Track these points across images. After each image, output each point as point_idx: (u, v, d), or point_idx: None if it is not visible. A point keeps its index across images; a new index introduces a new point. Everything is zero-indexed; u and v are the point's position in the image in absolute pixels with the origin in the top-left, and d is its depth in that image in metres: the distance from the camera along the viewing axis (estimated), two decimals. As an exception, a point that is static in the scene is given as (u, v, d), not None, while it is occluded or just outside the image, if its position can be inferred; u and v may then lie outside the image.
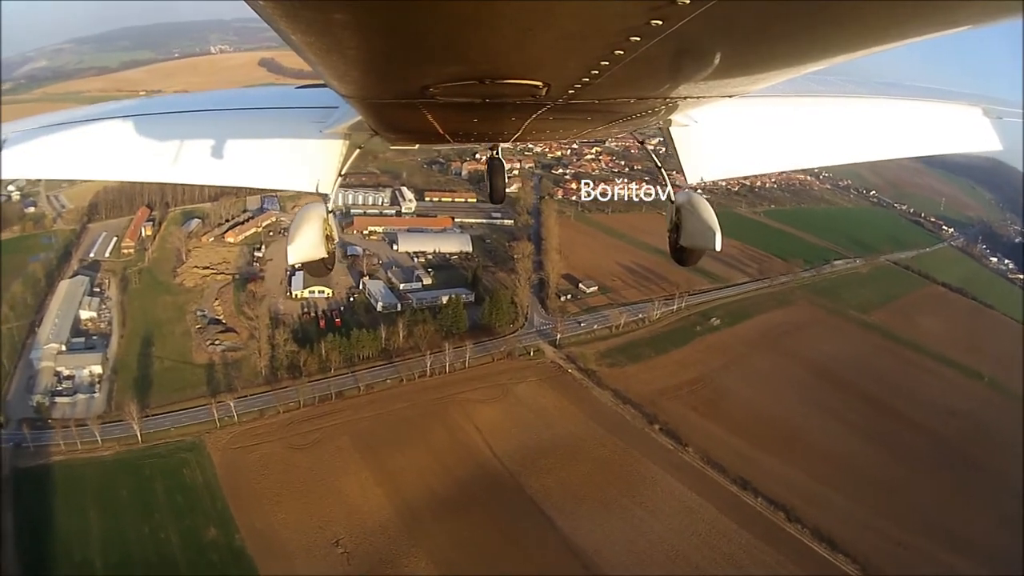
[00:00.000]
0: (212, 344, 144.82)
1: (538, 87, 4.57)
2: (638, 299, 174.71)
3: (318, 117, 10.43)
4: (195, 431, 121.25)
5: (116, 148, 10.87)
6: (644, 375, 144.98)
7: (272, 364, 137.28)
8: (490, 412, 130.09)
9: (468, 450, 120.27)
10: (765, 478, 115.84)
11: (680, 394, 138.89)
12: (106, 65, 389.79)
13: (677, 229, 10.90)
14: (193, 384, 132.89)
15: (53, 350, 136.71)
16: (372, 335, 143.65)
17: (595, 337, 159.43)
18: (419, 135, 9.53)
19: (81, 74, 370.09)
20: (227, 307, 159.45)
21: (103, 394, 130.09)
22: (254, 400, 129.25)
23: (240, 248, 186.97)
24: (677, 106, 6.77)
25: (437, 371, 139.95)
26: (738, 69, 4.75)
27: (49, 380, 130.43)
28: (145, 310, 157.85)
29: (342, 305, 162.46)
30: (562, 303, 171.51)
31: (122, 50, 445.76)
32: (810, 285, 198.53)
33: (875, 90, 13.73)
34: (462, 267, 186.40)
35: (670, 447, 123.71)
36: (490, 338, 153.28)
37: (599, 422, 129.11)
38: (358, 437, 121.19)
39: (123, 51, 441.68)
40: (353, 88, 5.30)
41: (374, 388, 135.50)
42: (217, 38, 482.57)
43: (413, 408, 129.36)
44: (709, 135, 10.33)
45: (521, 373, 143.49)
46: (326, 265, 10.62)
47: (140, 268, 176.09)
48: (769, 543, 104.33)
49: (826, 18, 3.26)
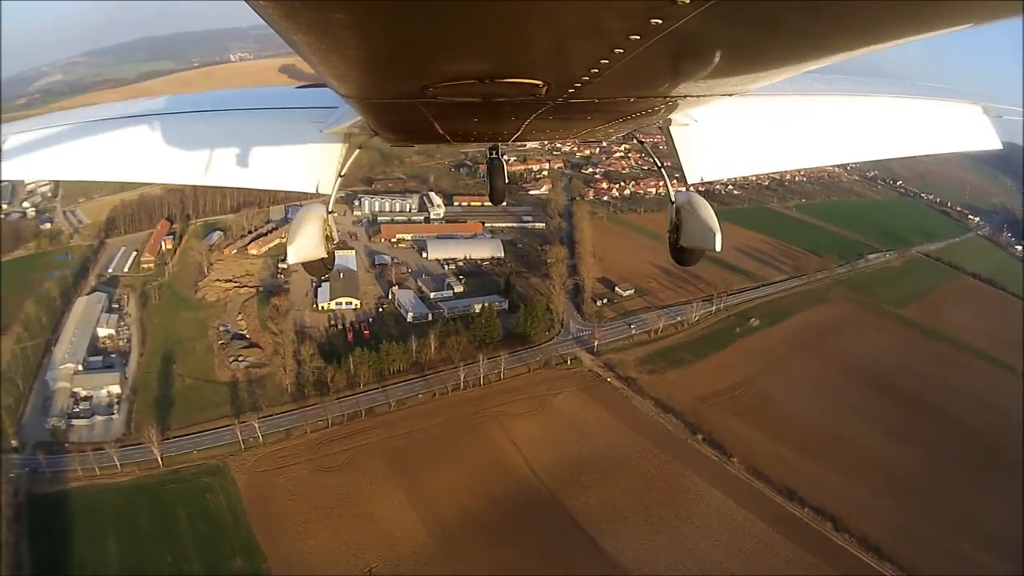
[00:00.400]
0: (235, 360, 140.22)
1: (538, 86, 4.60)
2: (675, 301, 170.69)
3: (318, 117, 10.44)
4: (219, 454, 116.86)
5: (116, 148, 10.87)
6: (685, 381, 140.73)
7: (298, 381, 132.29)
8: (527, 426, 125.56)
9: (505, 467, 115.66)
10: (811, 485, 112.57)
11: (722, 400, 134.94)
12: (123, 76, 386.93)
13: (677, 229, 10.71)
14: (216, 403, 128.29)
15: (69, 370, 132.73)
16: (402, 348, 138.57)
17: (634, 343, 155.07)
18: (419, 135, 9.21)
19: (98, 86, 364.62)
20: (251, 321, 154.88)
21: (122, 415, 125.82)
22: (280, 419, 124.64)
23: (264, 260, 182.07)
24: (677, 105, 6.69)
25: (471, 384, 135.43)
26: (738, 68, 4.74)
27: (65, 402, 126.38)
28: (165, 326, 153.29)
29: (371, 316, 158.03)
30: (598, 308, 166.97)
31: (139, 61, 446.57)
32: (845, 281, 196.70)
33: (875, 88, 13.49)
34: (494, 273, 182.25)
35: (714, 458, 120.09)
36: (525, 347, 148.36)
37: (641, 433, 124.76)
38: (390, 457, 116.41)
39: (140, 62, 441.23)
40: (353, 88, 5.28)
41: (406, 404, 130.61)
42: (237, 46, 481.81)
43: (447, 424, 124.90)
44: (709, 134, 10.32)
45: (559, 383, 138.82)
46: (326, 265, 10.54)
47: (160, 283, 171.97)
48: (816, 554, 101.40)
49: (825, 17, 3.30)
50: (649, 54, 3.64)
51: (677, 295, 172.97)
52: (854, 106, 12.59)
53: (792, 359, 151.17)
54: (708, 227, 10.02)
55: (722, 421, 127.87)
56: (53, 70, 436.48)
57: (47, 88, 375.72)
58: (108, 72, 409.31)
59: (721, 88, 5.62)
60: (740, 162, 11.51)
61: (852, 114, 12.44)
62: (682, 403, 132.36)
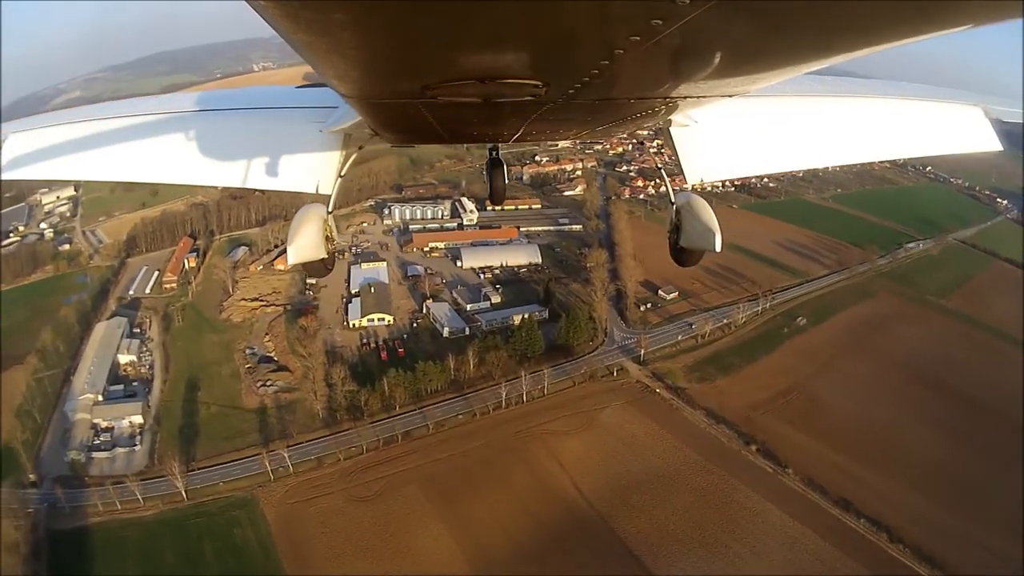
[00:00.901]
0: (263, 385, 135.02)
1: (538, 87, 4.63)
2: (720, 302, 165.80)
3: (318, 117, 10.54)
4: (247, 485, 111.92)
5: (116, 148, 11.03)
6: (736, 388, 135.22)
7: (330, 405, 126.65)
8: (574, 445, 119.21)
9: (552, 491, 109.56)
10: (865, 494, 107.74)
11: (775, 407, 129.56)
12: (144, 91, 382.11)
13: (677, 230, 10.92)
14: (243, 432, 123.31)
15: (89, 401, 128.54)
16: (439, 367, 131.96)
17: (680, 349, 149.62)
18: (419, 135, 9.53)
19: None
20: (279, 342, 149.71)
21: (145, 447, 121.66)
22: (311, 447, 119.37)
23: (291, 276, 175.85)
24: (677, 106, 6.75)
25: (513, 401, 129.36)
26: (738, 69, 4.80)
27: (85, 434, 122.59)
28: (189, 351, 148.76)
29: (405, 332, 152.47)
30: (642, 313, 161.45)
31: (161, 75, 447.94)
32: (888, 272, 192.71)
33: (875, 90, 13.46)
34: (532, 281, 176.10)
35: (769, 470, 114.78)
36: (569, 359, 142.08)
37: (693, 447, 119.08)
38: (429, 484, 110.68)
39: (162, 76, 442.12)
40: (353, 88, 5.35)
41: (445, 426, 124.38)
42: (259, 56, 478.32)
43: (489, 446, 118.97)
44: (709, 135, 10.40)
45: (605, 397, 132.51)
46: (326, 265, 10.61)
47: (183, 304, 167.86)
48: (872, 567, 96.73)
49: (825, 18, 3.34)
50: (649, 55, 3.72)
51: (721, 296, 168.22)
52: (854, 107, 12.50)
53: (841, 359, 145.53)
54: (708, 228, 10.17)
55: (775, 429, 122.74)
56: (71, 87, 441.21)
57: (65, 105, 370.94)
58: (128, 87, 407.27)
59: (721, 89, 5.65)
60: (740, 163, 11.36)
61: (852, 115, 12.30)
62: (734, 412, 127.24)
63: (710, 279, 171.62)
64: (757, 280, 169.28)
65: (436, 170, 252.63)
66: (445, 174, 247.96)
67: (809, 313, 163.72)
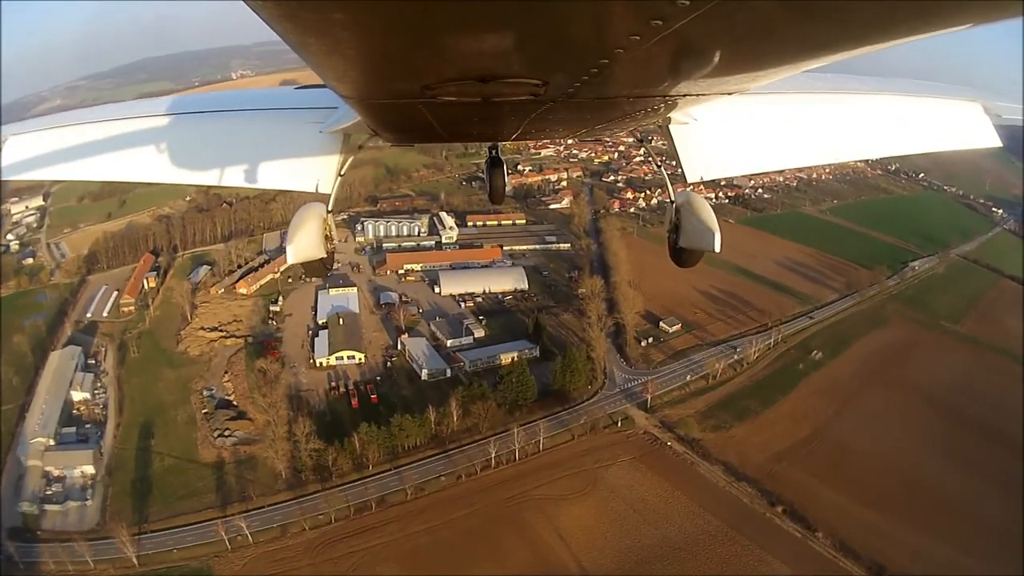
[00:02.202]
0: (221, 435, 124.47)
1: (538, 85, 4.68)
2: (728, 335, 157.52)
3: (318, 117, 10.51)
4: (202, 554, 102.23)
5: (115, 149, 11.09)
6: (755, 437, 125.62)
7: (294, 465, 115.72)
8: (577, 512, 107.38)
9: (553, 568, 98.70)
10: (900, 555, 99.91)
11: (798, 457, 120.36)
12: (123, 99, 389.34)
13: (676, 230, 10.76)
14: (199, 491, 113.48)
15: (40, 445, 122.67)
16: (418, 421, 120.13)
17: (690, 392, 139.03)
18: (419, 134, 9.77)
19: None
20: (238, 383, 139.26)
21: (97, 500, 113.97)
22: (274, 512, 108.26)
23: (254, 301, 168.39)
24: (676, 104, 6.88)
25: (504, 459, 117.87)
26: (738, 67, 4.86)
27: (37, 483, 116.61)
28: (145, 389, 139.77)
29: (378, 374, 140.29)
30: (644, 349, 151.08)
31: (140, 82, 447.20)
32: (898, 295, 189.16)
33: (875, 87, 13.16)
34: (519, 310, 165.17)
35: (797, 535, 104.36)
36: (566, 407, 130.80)
37: (713, 511, 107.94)
38: (409, 560, 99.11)
39: (141, 83, 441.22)
40: (352, 88, 5.44)
41: (425, 490, 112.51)
42: (239, 64, 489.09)
43: (477, 515, 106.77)
44: (709, 133, 10.29)
45: (609, 452, 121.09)
46: (325, 265, 10.49)
47: (140, 331, 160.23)
48: None
49: (825, 18, 3.40)
50: (649, 54, 3.77)
51: (728, 327, 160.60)
52: (854, 104, 12.30)
53: (862, 397, 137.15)
54: (707, 227, 10.02)
55: (801, 484, 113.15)
56: (53, 95, 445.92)
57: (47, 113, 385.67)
58: (108, 95, 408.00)
59: (721, 87, 5.76)
60: (740, 161, 11.24)
61: (852, 112, 12.16)
62: (755, 466, 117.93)
63: (714, 307, 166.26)
64: (763, 307, 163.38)
65: (413, 180, 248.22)
66: (423, 185, 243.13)
67: (823, 345, 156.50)
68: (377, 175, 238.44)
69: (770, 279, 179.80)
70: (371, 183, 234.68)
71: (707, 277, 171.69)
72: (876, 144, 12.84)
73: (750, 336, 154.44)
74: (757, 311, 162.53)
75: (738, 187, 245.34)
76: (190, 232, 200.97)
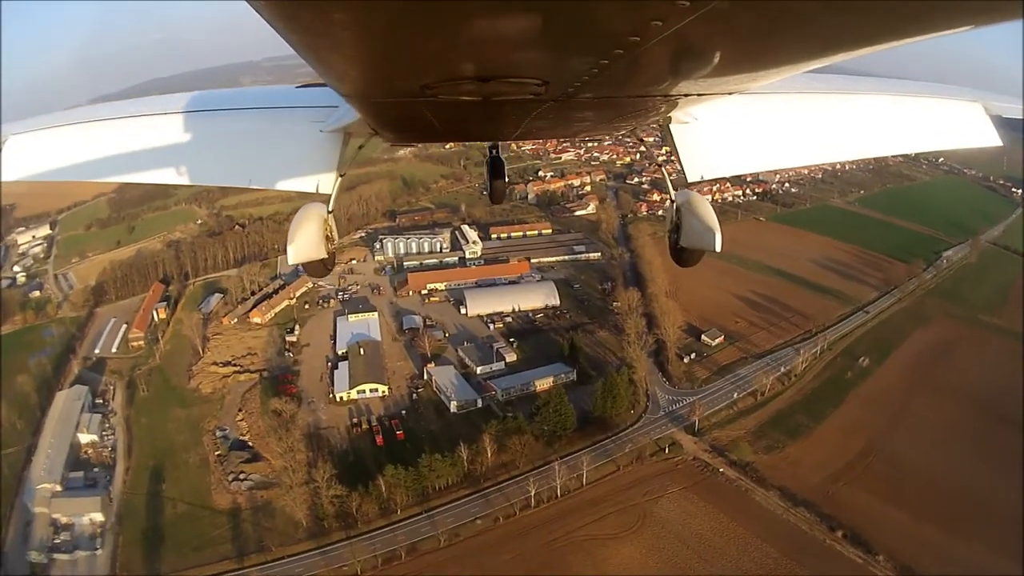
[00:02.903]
0: (236, 479, 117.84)
1: (538, 85, 4.72)
2: (772, 345, 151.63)
3: (318, 117, 10.34)
4: None
5: (115, 149, 11.02)
6: (809, 456, 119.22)
7: (315, 513, 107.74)
8: (627, 552, 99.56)
9: None
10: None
11: (855, 475, 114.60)
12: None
13: (677, 229, 10.56)
14: (215, 540, 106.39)
15: (47, 491, 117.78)
16: (449, 459, 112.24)
17: (739, 411, 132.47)
18: (419, 133, 10.26)
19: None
20: (253, 422, 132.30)
21: (107, 549, 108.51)
22: (293, 563, 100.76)
23: (269, 331, 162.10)
24: (677, 103, 6.98)
25: (545, 497, 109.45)
26: (738, 68, 4.92)
27: (45, 531, 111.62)
28: (155, 429, 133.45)
29: (403, 407, 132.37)
30: (687, 366, 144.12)
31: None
32: (935, 289, 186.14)
33: (875, 86, 13.07)
34: (552, 329, 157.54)
35: (859, 560, 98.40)
36: (608, 435, 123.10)
37: (772, 542, 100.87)
38: None
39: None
40: (353, 87, 5.52)
41: (460, 535, 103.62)
42: (249, 80, 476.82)
43: (518, 561, 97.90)
44: (709, 132, 10.07)
45: (658, 482, 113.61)
46: (326, 266, 10.52)
47: (150, 367, 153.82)
48: None
49: (825, 19, 3.44)
50: (649, 54, 3.79)
51: (771, 335, 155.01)
52: (854, 104, 12.24)
53: (914, 404, 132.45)
54: (708, 227, 9.80)
55: (860, 505, 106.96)
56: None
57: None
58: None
59: (721, 87, 5.88)
60: (741, 160, 10.90)
61: (853, 112, 12.04)
62: (813, 488, 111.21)
63: (755, 314, 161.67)
64: (805, 311, 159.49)
65: (432, 192, 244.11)
66: (442, 197, 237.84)
67: (869, 349, 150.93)
68: (394, 188, 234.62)
69: (809, 280, 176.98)
70: (388, 197, 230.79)
71: (745, 281, 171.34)
72: (876, 143, 12.51)
73: (795, 344, 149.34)
74: (799, 316, 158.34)
75: (764, 183, 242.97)
76: (201, 258, 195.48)
